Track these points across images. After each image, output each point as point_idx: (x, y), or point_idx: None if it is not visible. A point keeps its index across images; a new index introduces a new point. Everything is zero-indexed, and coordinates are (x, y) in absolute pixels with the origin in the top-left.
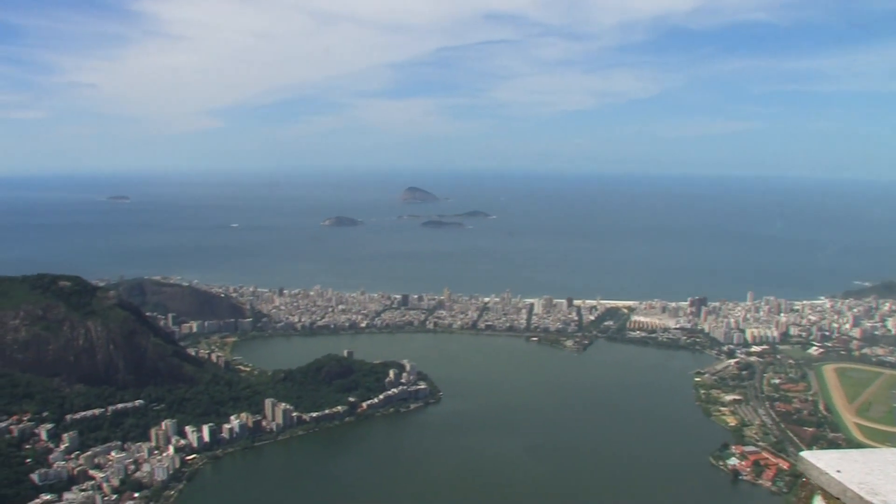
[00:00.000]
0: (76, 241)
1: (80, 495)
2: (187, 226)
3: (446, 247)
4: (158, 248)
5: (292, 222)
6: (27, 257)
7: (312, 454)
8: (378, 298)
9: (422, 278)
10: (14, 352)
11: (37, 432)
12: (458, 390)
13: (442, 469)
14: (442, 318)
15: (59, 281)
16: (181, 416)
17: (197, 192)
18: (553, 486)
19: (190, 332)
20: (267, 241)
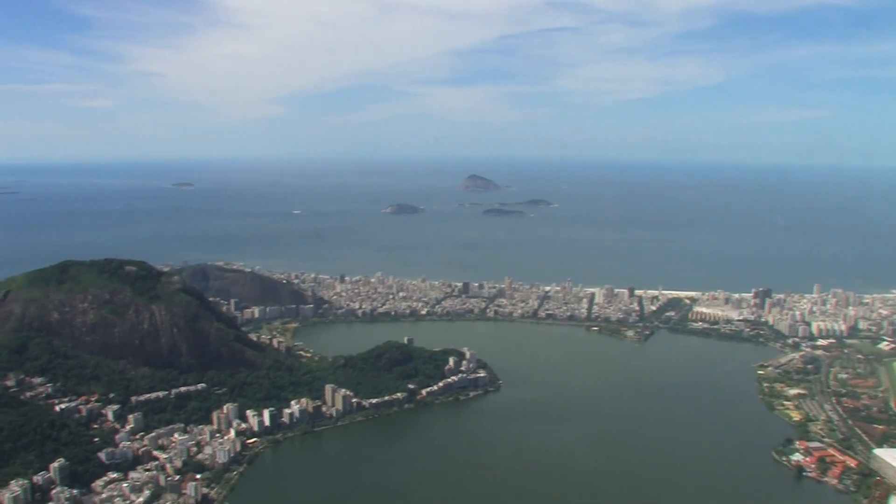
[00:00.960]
0: (142, 227)
1: (144, 475)
2: (250, 212)
3: (507, 235)
4: (222, 234)
5: (354, 209)
6: (95, 242)
7: (371, 440)
8: (439, 286)
9: (482, 266)
10: (82, 334)
11: (104, 413)
12: (517, 379)
13: (500, 458)
14: (502, 306)
15: (126, 266)
16: (242, 401)
17: (260, 178)
18: (612, 478)
19: (252, 317)
20: (329, 228)
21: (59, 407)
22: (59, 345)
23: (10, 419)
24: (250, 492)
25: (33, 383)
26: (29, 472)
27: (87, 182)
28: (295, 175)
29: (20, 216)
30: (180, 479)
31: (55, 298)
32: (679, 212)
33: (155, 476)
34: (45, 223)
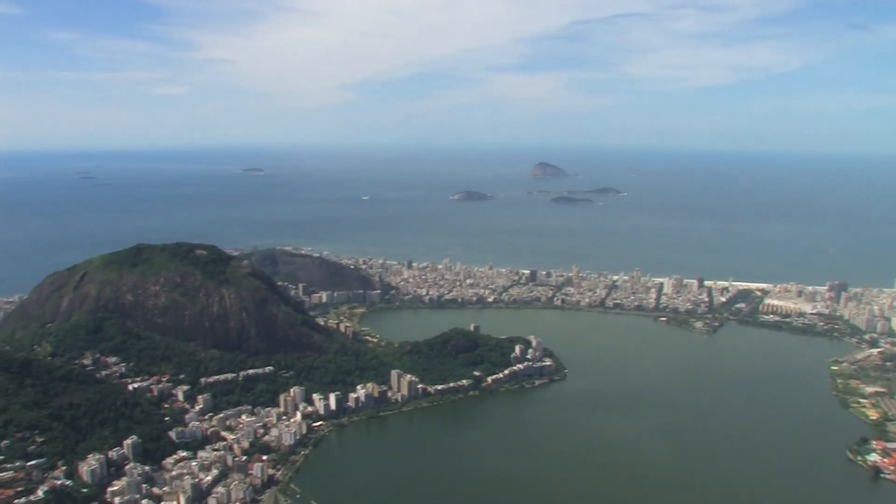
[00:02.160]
0: (213, 212)
1: (212, 454)
2: (319, 198)
3: (575, 223)
4: (290, 219)
5: (422, 195)
6: (168, 226)
7: (436, 426)
8: (506, 273)
9: (550, 254)
10: (154, 316)
11: (174, 393)
12: (584, 368)
13: (565, 447)
14: (570, 294)
15: (197, 249)
16: (309, 384)
17: (329, 165)
18: (678, 471)
19: (320, 302)
20: (397, 214)
21: (132, 386)
22: (132, 326)
23: (86, 396)
24: (315, 474)
25: (108, 362)
26: (104, 448)
27: (160, 167)
28: (363, 161)
29: (97, 200)
30: (247, 460)
31: (129, 281)
32: (752, 202)
33: (223, 456)
34: (120, 207)
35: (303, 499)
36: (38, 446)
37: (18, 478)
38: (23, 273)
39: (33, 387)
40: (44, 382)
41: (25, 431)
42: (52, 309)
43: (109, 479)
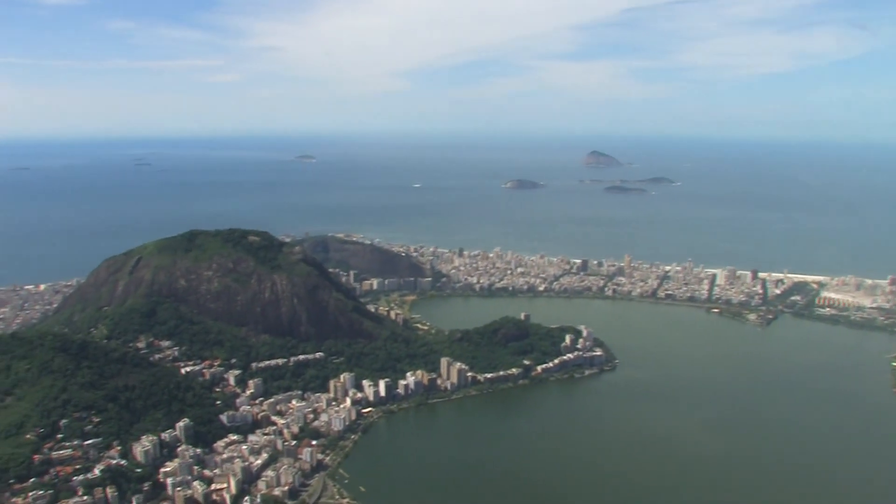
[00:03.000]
0: (265, 198)
1: (263, 438)
2: (370, 185)
3: (628, 212)
4: (342, 206)
5: (474, 183)
6: (221, 212)
7: (484, 415)
8: (557, 262)
9: (602, 244)
10: (207, 301)
11: (226, 377)
12: (634, 359)
13: (614, 438)
14: (621, 284)
15: (249, 236)
16: (359, 370)
17: (381, 152)
18: (731, 468)
19: (370, 289)
20: (448, 202)
21: (185, 370)
22: (185, 310)
23: (141, 379)
24: (364, 460)
25: (161, 346)
26: (157, 429)
27: (213, 154)
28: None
29: (152, 186)
30: (297, 445)
31: (182, 266)
32: (810, 192)
33: (273, 440)
34: (175, 193)
35: (351, 484)
36: (94, 426)
37: (76, 456)
38: (81, 257)
39: (90, 368)
40: (100, 364)
41: (83, 411)
42: (108, 293)
43: (162, 460)
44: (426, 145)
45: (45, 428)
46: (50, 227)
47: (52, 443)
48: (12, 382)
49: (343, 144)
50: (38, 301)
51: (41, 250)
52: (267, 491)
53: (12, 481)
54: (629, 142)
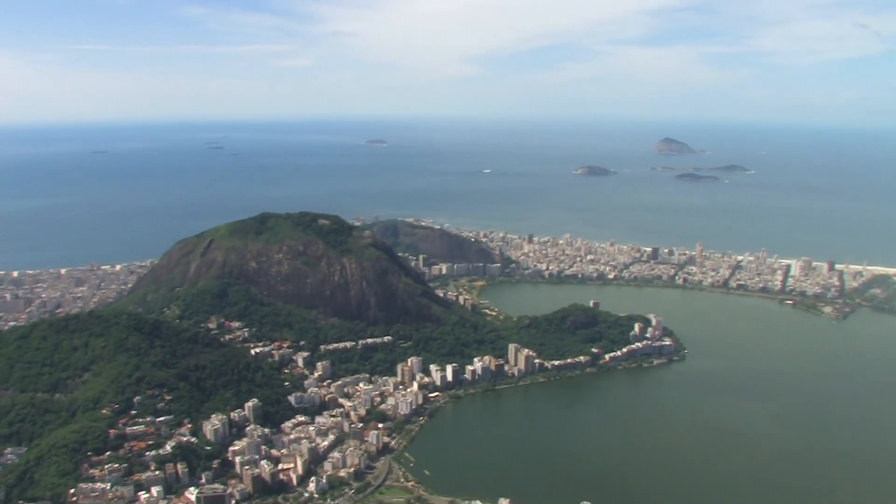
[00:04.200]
0: (336, 182)
1: (330, 420)
2: (441, 170)
3: (700, 201)
4: (412, 190)
5: (544, 170)
6: (292, 196)
7: (551, 402)
8: (627, 250)
9: (673, 232)
10: (277, 283)
11: (294, 359)
12: (704, 349)
13: (682, 429)
14: (692, 274)
15: (320, 219)
16: (426, 355)
17: (451, 137)
18: (801, 459)
19: (440, 273)
20: (519, 188)
21: (255, 351)
22: (255, 292)
23: (211, 359)
24: (429, 444)
25: (232, 327)
26: (227, 409)
27: (285, 138)
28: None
29: (224, 170)
30: (363, 427)
31: (253, 248)
32: (892, 181)
33: (339, 422)
34: (246, 176)
35: (416, 468)
36: (166, 404)
37: (149, 432)
38: (155, 238)
39: (163, 347)
40: (172, 344)
41: (155, 389)
42: (180, 274)
43: (231, 438)
44: (496, 131)
45: (120, 404)
46: (125, 210)
47: (126, 418)
48: (90, 359)
49: (414, 129)
50: (114, 281)
51: (117, 232)
52: (333, 472)
53: (90, 453)
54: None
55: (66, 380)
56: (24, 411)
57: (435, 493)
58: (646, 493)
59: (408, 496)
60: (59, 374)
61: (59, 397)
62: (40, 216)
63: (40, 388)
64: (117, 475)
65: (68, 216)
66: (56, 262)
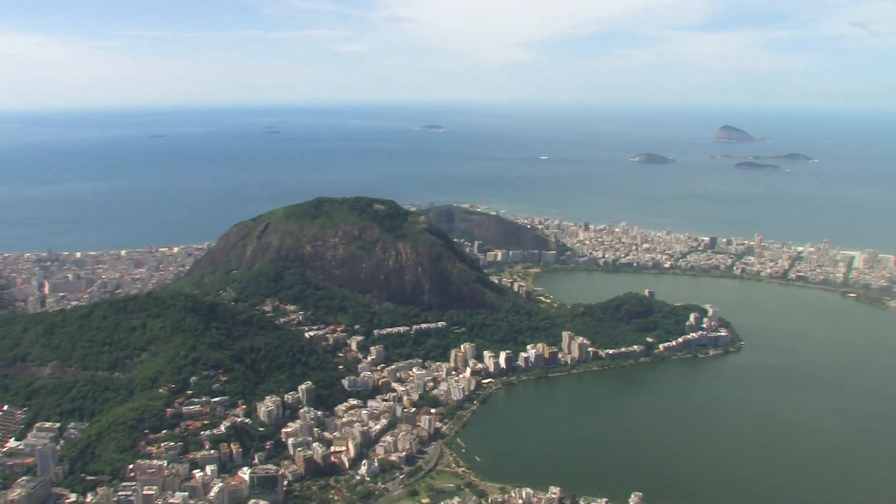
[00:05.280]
0: (391, 167)
1: (382, 404)
2: (496, 156)
3: (759, 190)
4: (467, 176)
5: (601, 157)
6: (347, 180)
7: (605, 391)
8: (684, 239)
9: (731, 221)
10: (332, 267)
11: (348, 343)
12: (761, 342)
13: (736, 422)
14: (750, 264)
15: (375, 204)
16: (480, 341)
17: (507, 123)
18: (860, 456)
19: (494, 260)
20: (575, 175)
21: (309, 334)
22: (310, 276)
23: (266, 341)
24: (481, 430)
25: (287, 310)
26: (280, 391)
27: (341, 123)
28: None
29: (280, 154)
30: (415, 412)
31: (309, 232)
32: None
33: (392, 406)
34: (303, 161)
35: (468, 453)
36: (221, 385)
37: (204, 412)
38: (212, 222)
39: (219, 329)
40: (228, 326)
41: (211, 370)
42: (237, 257)
43: (284, 420)
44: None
45: (177, 384)
46: (183, 193)
47: (182, 398)
48: (147, 339)
49: (470, 115)
50: (172, 263)
51: (175, 214)
52: (384, 456)
53: (147, 431)
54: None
55: (125, 359)
56: (86, 388)
57: (486, 479)
58: (698, 487)
59: (458, 482)
60: (118, 353)
61: (119, 376)
62: (102, 199)
63: (101, 367)
64: (173, 453)
65: (128, 199)
66: (116, 244)
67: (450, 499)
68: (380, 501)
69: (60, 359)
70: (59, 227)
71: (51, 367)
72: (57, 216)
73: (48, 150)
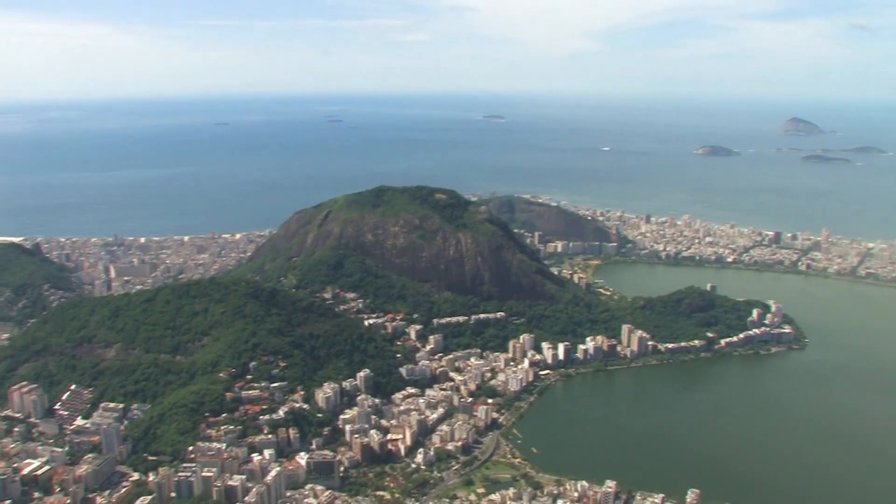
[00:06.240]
0: (452, 157)
1: (440, 393)
2: (558, 147)
3: (828, 184)
4: (529, 166)
5: (664, 148)
6: (408, 169)
7: (664, 385)
8: (748, 233)
9: (797, 216)
10: (392, 256)
11: (407, 331)
12: (827, 339)
13: (800, 422)
14: (817, 260)
15: (436, 193)
16: (539, 332)
17: (570, 113)
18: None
19: (555, 251)
20: (637, 166)
21: (368, 322)
22: (371, 264)
23: (325, 328)
24: (538, 422)
25: (347, 298)
26: (339, 378)
27: (402, 112)
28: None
29: (342, 142)
30: (473, 402)
31: (370, 221)
32: None
33: (449, 396)
34: (364, 149)
35: (524, 445)
36: (280, 370)
37: (263, 397)
38: (273, 209)
39: (279, 315)
40: (288, 312)
41: (270, 356)
42: (298, 244)
43: (342, 407)
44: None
45: (237, 368)
46: (245, 180)
47: (242, 382)
48: (209, 324)
49: (532, 105)
50: (234, 249)
51: (237, 201)
52: (440, 445)
53: (207, 414)
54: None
55: (186, 343)
56: (149, 371)
57: (541, 471)
58: (757, 487)
59: (514, 473)
60: (180, 337)
61: (180, 359)
62: (166, 185)
63: (163, 350)
64: (232, 436)
65: (192, 186)
66: (180, 230)
67: (505, 490)
68: (434, 490)
69: (125, 341)
70: (126, 213)
71: (116, 349)
72: (123, 202)
73: (116, 137)
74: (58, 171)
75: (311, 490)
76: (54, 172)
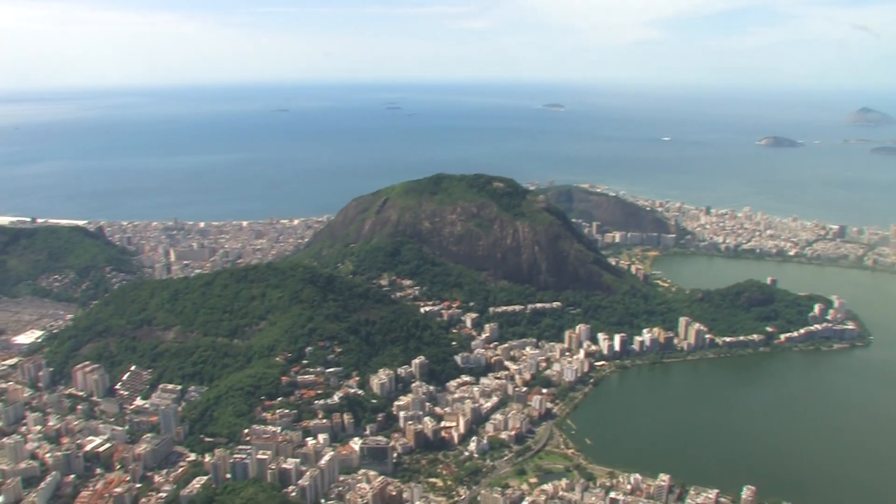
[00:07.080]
0: (511, 145)
1: (494, 382)
2: (618, 136)
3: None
4: (588, 156)
5: (726, 139)
6: (467, 157)
7: (721, 379)
8: (811, 227)
9: (863, 209)
10: (449, 244)
11: (463, 319)
12: (893, 338)
13: (861, 420)
14: (884, 255)
15: (494, 182)
16: (595, 323)
17: (630, 103)
18: None
19: (612, 241)
20: (698, 157)
21: (424, 309)
22: (427, 252)
23: (381, 315)
24: (592, 413)
25: (403, 285)
26: (394, 364)
27: (461, 100)
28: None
29: (400, 130)
30: (527, 391)
31: (427, 208)
32: None
33: (504, 385)
34: (422, 137)
35: (578, 435)
36: (336, 356)
37: (319, 382)
38: (331, 195)
39: (335, 301)
40: (344, 298)
41: (326, 341)
42: (355, 230)
43: (397, 393)
44: (677, 97)
45: (293, 353)
46: (304, 166)
47: (298, 367)
48: (266, 308)
49: (592, 94)
50: (292, 234)
51: (296, 187)
52: (494, 433)
53: (263, 398)
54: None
55: (244, 326)
56: (206, 353)
57: (594, 462)
58: (815, 486)
59: (567, 463)
60: (237, 320)
61: (237, 343)
62: (226, 170)
63: (221, 333)
64: (287, 420)
65: (251, 171)
66: (239, 215)
67: (557, 480)
68: (487, 479)
69: (183, 324)
70: (186, 198)
71: (174, 331)
72: (184, 187)
73: (178, 123)
74: (122, 157)
75: (364, 475)
76: (119, 158)
